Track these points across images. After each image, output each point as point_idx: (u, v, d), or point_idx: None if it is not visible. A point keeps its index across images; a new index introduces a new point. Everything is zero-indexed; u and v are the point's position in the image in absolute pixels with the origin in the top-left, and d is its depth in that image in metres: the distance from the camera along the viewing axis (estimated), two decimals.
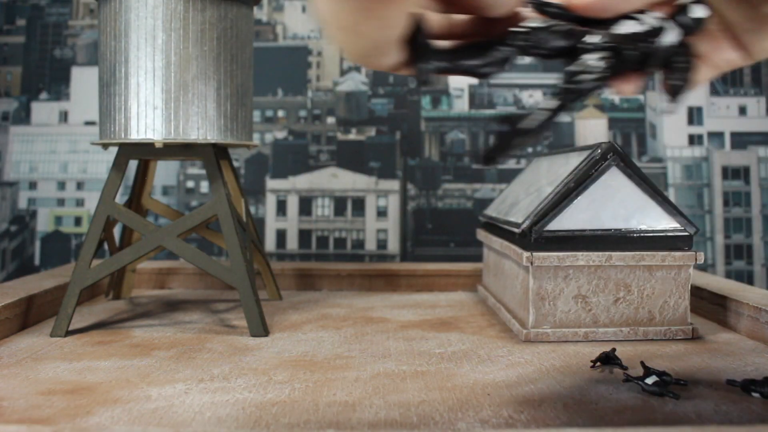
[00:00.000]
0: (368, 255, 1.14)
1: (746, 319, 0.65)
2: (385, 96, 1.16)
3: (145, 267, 0.93)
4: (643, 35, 0.38)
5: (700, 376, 0.52)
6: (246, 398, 0.47)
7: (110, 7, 0.66)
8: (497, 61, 0.37)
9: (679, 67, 0.39)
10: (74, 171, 1.16)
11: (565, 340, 0.63)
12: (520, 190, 0.78)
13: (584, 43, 0.37)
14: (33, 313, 0.70)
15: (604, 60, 0.37)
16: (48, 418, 0.43)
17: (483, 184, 1.16)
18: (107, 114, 0.67)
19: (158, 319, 0.73)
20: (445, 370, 0.54)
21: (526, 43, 0.37)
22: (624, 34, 0.37)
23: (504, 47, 0.37)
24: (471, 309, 0.78)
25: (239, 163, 1.15)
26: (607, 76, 0.37)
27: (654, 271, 0.63)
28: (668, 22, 0.39)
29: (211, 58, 0.66)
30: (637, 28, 0.38)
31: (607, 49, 0.37)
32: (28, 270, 1.13)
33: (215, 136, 0.67)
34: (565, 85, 0.37)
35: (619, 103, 1.16)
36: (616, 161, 0.64)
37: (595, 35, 0.37)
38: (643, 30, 0.38)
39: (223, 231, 0.66)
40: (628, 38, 0.38)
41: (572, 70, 0.37)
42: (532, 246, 0.63)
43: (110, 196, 0.68)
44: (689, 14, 0.38)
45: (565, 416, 0.44)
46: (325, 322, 0.72)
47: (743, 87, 1.16)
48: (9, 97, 1.16)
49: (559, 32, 0.37)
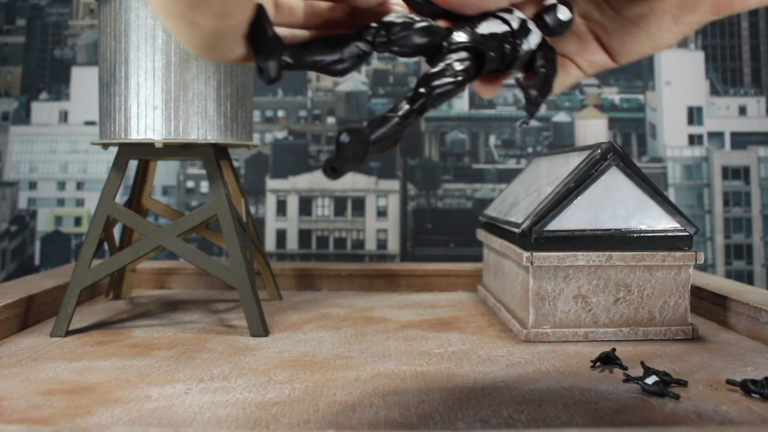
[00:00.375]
0: (368, 255, 1.14)
1: (746, 319, 0.65)
2: (385, 96, 1.16)
3: (145, 267, 0.93)
4: (506, 35, 0.36)
5: (700, 376, 0.52)
6: (246, 398, 0.47)
7: (110, 7, 0.66)
8: (353, 57, 0.33)
9: (540, 71, 0.37)
10: (74, 171, 1.16)
11: (565, 340, 0.63)
12: (520, 190, 0.78)
13: (447, 42, 0.35)
14: (33, 313, 0.70)
15: (464, 61, 0.35)
16: (48, 418, 0.43)
17: (483, 184, 1.16)
18: (107, 114, 0.67)
19: (158, 319, 0.73)
20: (445, 370, 0.54)
21: (386, 39, 0.33)
22: (486, 34, 0.35)
23: (361, 43, 0.33)
24: (471, 309, 0.78)
25: (239, 163, 1.15)
26: (465, 79, 0.35)
27: (654, 271, 0.63)
28: (533, 22, 0.37)
29: None
30: (500, 28, 0.36)
31: (469, 49, 0.35)
32: (28, 270, 1.13)
33: (215, 136, 0.67)
34: (419, 88, 0.34)
35: (619, 103, 1.16)
36: (616, 161, 0.64)
37: (459, 34, 0.35)
38: (506, 30, 0.36)
39: (223, 231, 0.66)
40: (490, 38, 0.35)
41: (428, 73, 0.34)
42: (532, 246, 0.63)
43: (110, 196, 0.68)
44: (555, 15, 0.37)
45: (565, 416, 0.44)
46: (325, 322, 0.72)
47: (743, 87, 1.16)
48: (9, 97, 1.16)
49: (421, 29, 0.34)
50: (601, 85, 1.17)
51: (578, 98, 1.16)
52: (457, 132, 1.16)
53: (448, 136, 1.16)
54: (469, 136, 1.16)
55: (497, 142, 1.16)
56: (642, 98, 1.16)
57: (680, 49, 1.16)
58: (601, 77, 1.17)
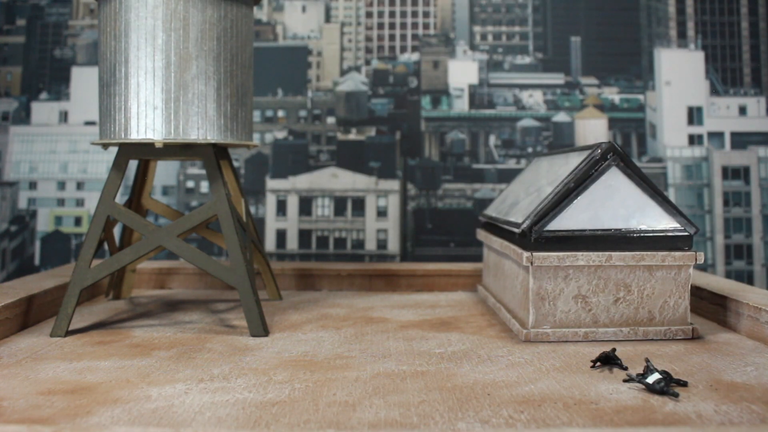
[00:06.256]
0: (368, 255, 1.14)
1: (746, 319, 0.65)
2: (385, 96, 1.16)
3: (145, 267, 0.93)
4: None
5: (700, 376, 0.52)
6: (246, 398, 0.47)
7: (110, 7, 0.66)
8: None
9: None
10: (74, 171, 1.16)
11: (565, 340, 0.63)
12: (520, 190, 0.78)
13: None
14: (33, 313, 0.70)
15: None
16: (48, 418, 0.43)
17: (483, 184, 1.16)
18: (107, 114, 0.67)
19: (158, 319, 0.73)
20: (445, 370, 0.54)
21: None
22: None
23: None
24: (471, 309, 0.78)
25: (239, 163, 1.15)
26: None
27: (654, 271, 0.63)
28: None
29: (211, 58, 0.66)
30: None
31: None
32: (28, 270, 1.13)
33: (215, 136, 0.67)
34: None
35: (619, 103, 1.16)
36: (616, 161, 0.64)
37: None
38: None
39: (223, 231, 0.66)
40: None
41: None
42: (532, 246, 0.63)
43: (110, 196, 0.68)
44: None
45: (565, 416, 0.44)
46: (325, 322, 0.72)
47: (743, 87, 1.16)
48: (9, 97, 1.16)
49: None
50: (601, 85, 1.17)
51: (578, 98, 1.16)
52: (457, 132, 1.16)
53: (448, 136, 1.16)
54: (469, 136, 1.16)
55: (497, 142, 1.16)
56: (642, 98, 1.16)
57: (680, 49, 1.16)
58: (601, 77, 1.17)
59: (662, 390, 0.47)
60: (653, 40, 1.16)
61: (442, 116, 1.16)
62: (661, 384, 0.48)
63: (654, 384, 0.48)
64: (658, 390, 0.47)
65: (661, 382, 0.48)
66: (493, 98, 1.17)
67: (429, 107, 1.16)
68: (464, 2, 1.18)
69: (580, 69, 1.17)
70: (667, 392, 0.47)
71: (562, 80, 1.17)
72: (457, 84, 1.17)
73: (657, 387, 0.47)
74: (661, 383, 0.48)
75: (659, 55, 1.16)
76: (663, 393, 0.47)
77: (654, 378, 0.48)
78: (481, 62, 1.17)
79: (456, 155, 1.16)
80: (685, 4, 1.17)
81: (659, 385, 0.48)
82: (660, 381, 0.48)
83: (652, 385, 0.48)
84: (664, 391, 0.47)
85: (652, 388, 0.48)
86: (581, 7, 1.17)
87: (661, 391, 0.47)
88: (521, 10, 1.18)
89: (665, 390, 0.47)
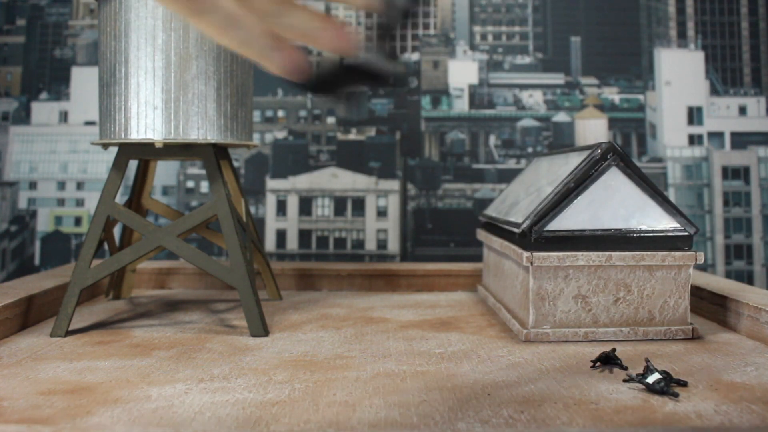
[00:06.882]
0: (368, 255, 1.14)
1: (746, 319, 0.65)
2: (385, 96, 1.16)
3: (145, 267, 0.93)
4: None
5: (700, 376, 0.52)
6: (246, 398, 0.47)
7: (110, 7, 0.66)
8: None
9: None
10: (74, 171, 1.16)
11: (565, 340, 0.63)
12: (520, 190, 0.78)
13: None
14: (33, 313, 0.70)
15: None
16: (48, 418, 0.43)
17: (483, 184, 1.16)
18: (107, 114, 0.67)
19: (158, 319, 0.73)
20: (445, 370, 0.54)
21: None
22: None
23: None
24: (471, 309, 0.78)
25: (239, 163, 1.15)
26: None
27: (654, 271, 0.63)
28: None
29: (211, 58, 0.66)
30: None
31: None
32: (28, 270, 1.13)
33: (215, 136, 0.67)
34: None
35: (619, 103, 1.16)
36: (616, 161, 0.64)
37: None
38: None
39: (223, 231, 0.66)
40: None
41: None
42: (532, 246, 0.63)
43: (110, 196, 0.68)
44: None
45: (565, 416, 0.44)
46: (325, 322, 0.72)
47: (743, 87, 1.16)
48: (9, 97, 1.16)
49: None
50: (601, 85, 1.17)
51: (578, 98, 1.16)
52: (457, 132, 1.16)
53: (448, 136, 1.16)
54: (469, 136, 1.16)
55: (497, 142, 1.16)
56: (642, 98, 1.16)
57: (680, 49, 1.16)
58: (601, 77, 1.17)
59: (662, 390, 0.47)
60: (653, 40, 1.16)
61: (442, 116, 1.16)
62: (661, 384, 0.48)
63: (654, 384, 0.48)
64: (658, 390, 0.47)
65: (661, 382, 0.48)
66: (493, 98, 1.17)
67: (429, 107, 1.16)
68: (464, 2, 1.18)
69: (580, 69, 1.17)
70: (667, 392, 0.47)
71: (562, 80, 1.17)
72: (457, 84, 1.17)
73: (657, 387, 0.48)
74: (661, 383, 0.48)
75: (659, 55, 1.16)
76: (663, 393, 0.47)
77: (654, 378, 0.48)
78: (481, 62, 1.17)
79: (456, 155, 1.16)
80: (685, 4, 1.17)
81: (659, 385, 0.48)
82: (660, 381, 0.48)
83: (652, 385, 0.48)
84: (664, 391, 0.47)
85: (652, 388, 0.48)
86: (581, 7, 1.17)
87: (661, 391, 0.47)
88: (521, 10, 1.18)
89: (665, 390, 0.47)
